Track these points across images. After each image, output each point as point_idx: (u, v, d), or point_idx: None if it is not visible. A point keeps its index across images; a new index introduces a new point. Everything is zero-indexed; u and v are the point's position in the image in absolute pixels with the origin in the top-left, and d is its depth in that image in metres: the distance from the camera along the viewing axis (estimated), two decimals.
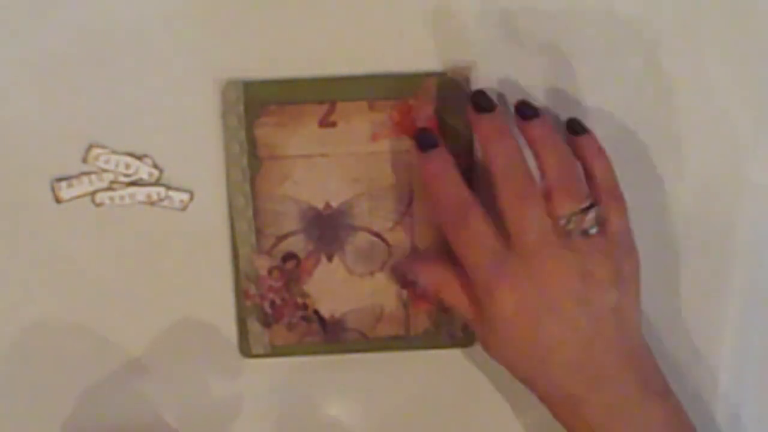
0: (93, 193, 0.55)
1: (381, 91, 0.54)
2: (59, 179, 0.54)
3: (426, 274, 0.53)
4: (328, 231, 0.55)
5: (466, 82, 0.54)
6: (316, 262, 0.55)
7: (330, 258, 0.55)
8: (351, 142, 0.54)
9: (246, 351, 0.56)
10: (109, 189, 0.55)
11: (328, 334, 0.56)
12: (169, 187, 0.55)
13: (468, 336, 0.56)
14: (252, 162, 0.54)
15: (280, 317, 0.56)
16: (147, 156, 0.54)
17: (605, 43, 0.55)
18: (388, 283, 0.56)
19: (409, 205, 0.55)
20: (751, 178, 0.56)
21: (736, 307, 0.57)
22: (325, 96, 0.54)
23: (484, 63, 0.54)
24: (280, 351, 0.56)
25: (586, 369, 0.50)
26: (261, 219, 0.55)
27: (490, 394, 0.57)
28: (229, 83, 0.54)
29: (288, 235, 0.55)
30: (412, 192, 0.55)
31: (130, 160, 0.54)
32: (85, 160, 0.54)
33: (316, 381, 0.57)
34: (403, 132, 0.54)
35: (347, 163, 0.55)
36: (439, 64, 0.54)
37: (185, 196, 0.55)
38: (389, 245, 0.55)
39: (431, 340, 0.56)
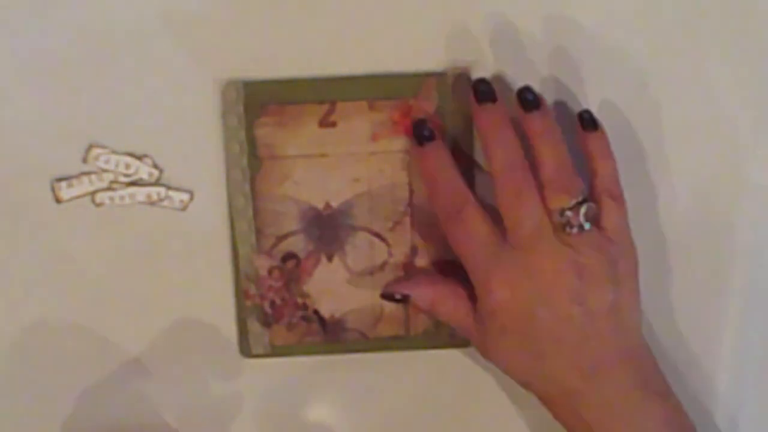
0: (93, 193, 0.55)
1: (381, 91, 0.54)
2: (59, 179, 0.54)
3: (418, 294, 0.54)
4: (328, 231, 0.55)
5: (467, 82, 0.54)
6: (316, 262, 0.55)
7: (330, 258, 0.55)
8: (351, 142, 0.54)
9: (246, 351, 0.56)
10: (109, 189, 0.55)
11: (328, 334, 0.56)
12: (169, 187, 0.55)
13: None
14: (252, 162, 0.54)
15: (280, 317, 0.56)
16: (147, 156, 0.54)
17: (605, 43, 0.55)
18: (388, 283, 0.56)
19: (409, 205, 0.55)
20: (751, 178, 0.56)
21: (736, 307, 0.57)
22: (325, 96, 0.54)
23: (484, 63, 0.54)
24: (280, 351, 0.56)
25: (582, 364, 0.50)
26: (261, 219, 0.55)
27: (490, 394, 0.57)
28: (229, 83, 0.54)
29: (288, 235, 0.55)
30: (412, 192, 0.55)
31: (130, 160, 0.54)
32: (85, 160, 0.54)
33: (316, 381, 0.57)
34: (403, 132, 0.54)
35: (347, 163, 0.55)
36: (439, 64, 0.54)
37: (185, 196, 0.55)
38: (389, 245, 0.55)
39: (431, 340, 0.56)
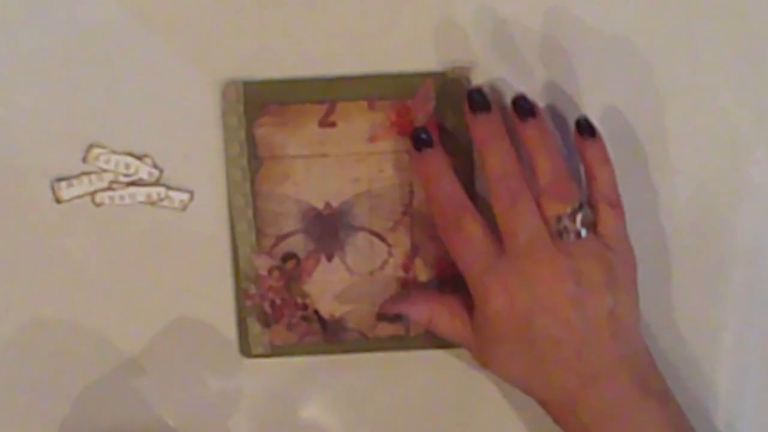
0: (93, 193, 0.55)
1: (381, 91, 0.54)
2: (59, 179, 0.54)
3: (414, 312, 0.54)
4: (328, 231, 0.55)
5: (466, 82, 0.54)
6: (316, 262, 0.55)
7: (330, 258, 0.55)
8: (351, 142, 0.54)
9: (246, 351, 0.56)
10: (109, 189, 0.55)
11: (328, 334, 0.56)
12: (169, 187, 0.55)
13: None
14: (252, 162, 0.54)
15: (280, 317, 0.56)
16: (147, 156, 0.54)
17: (605, 44, 0.55)
18: (388, 283, 0.56)
19: (409, 205, 0.55)
20: (751, 178, 0.56)
21: (736, 308, 0.56)
22: (325, 96, 0.54)
23: (484, 63, 0.54)
24: (280, 351, 0.56)
25: (581, 369, 0.50)
26: (261, 219, 0.55)
27: (489, 394, 0.57)
28: (229, 83, 0.54)
29: (288, 235, 0.55)
30: (412, 192, 0.55)
31: (130, 160, 0.54)
32: (85, 160, 0.54)
33: (316, 381, 0.57)
34: (402, 132, 0.54)
35: (347, 163, 0.55)
36: (439, 64, 0.54)
37: (185, 196, 0.55)
38: (389, 245, 0.55)
39: (431, 340, 0.56)
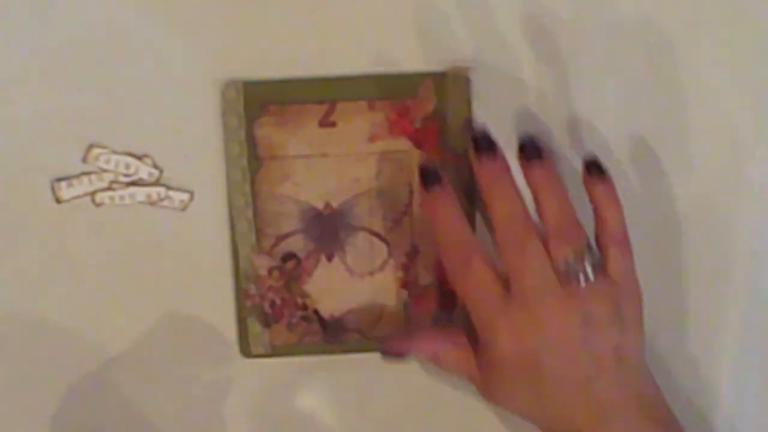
0: (93, 193, 0.55)
1: (380, 91, 0.54)
2: (59, 179, 0.54)
3: (418, 350, 0.54)
4: (328, 231, 0.55)
5: (466, 82, 0.54)
6: (316, 262, 0.55)
7: (330, 258, 0.55)
8: (351, 142, 0.54)
9: (246, 351, 0.56)
10: (109, 189, 0.55)
11: (328, 334, 0.56)
12: (169, 187, 0.55)
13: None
14: (252, 162, 0.54)
15: (280, 317, 0.56)
16: (147, 156, 0.54)
17: (606, 44, 0.55)
18: (388, 283, 0.56)
19: (409, 205, 0.55)
20: (751, 178, 0.56)
21: (736, 308, 0.56)
22: (325, 96, 0.54)
23: (484, 63, 0.54)
24: (280, 351, 0.56)
25: (589, 404, 0.50)
26: (261, 219, 0.55)
27: None
28: (229, 83, 0.54)
29: (288, 235, 0.55)
30: (412, 192, 0.55)
31: (130, 160, 0.54)
32: (85, 160, 0.54)
33: (316, 381, 0.57)
34: (401, 132, 0.54)
35: (347, 163, 0.55)
36: (439, 64, 0.54)
37: (185, 196, 0.55)
38: (389, 245, 0.55)
39: None
